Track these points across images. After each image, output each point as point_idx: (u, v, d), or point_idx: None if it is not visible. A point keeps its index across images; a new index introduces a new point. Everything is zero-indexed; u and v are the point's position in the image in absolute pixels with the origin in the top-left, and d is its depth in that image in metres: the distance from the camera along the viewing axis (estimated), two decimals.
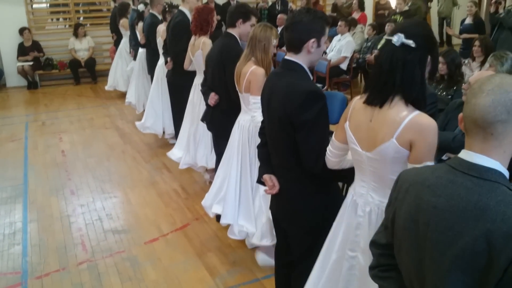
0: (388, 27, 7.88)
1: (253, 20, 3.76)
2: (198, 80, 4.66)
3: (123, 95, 8.41)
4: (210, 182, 4.71)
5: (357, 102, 2.02)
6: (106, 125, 7.17)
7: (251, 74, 3.19)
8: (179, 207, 4.55)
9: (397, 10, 8.93)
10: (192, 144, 4.68)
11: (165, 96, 5.91)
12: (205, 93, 3.95)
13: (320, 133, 2.24)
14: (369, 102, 1.92)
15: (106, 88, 8.57)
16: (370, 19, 11.21)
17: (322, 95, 2.24)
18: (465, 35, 8.16)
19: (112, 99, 8.67)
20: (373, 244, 1.62)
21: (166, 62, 5.47)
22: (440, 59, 4.51)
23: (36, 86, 9.66)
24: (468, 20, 8.37)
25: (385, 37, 1.90)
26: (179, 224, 4.22)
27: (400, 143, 1.80)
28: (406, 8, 8.85)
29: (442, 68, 4.53)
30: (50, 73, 9.78)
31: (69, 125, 7.23)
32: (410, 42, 1.78)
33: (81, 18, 10.74)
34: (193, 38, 4.61)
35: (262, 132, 2.68)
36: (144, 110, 6.39)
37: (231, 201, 3.46)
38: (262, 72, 3.17)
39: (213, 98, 3.84)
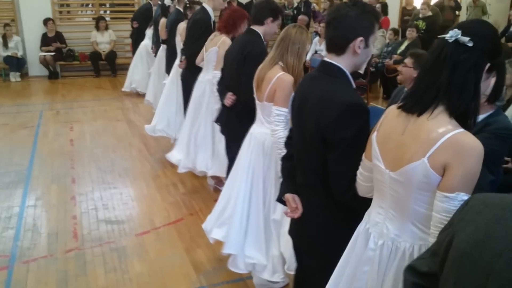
0: (409, 32, 7.72)
1: (280, 20, 3.50)
2: (203, 76, 4.50)
3: None
4: (215, 188, 4.67)
5: (391, 109, 1.68)
6: (118, 117, 7.21)
7: (278, 80, 2.80)
8: (176, 201, 4.50)
9: (420, 15, 8.72)
10: (193, 147, 4.51)
11: (179, 98, 5.52)
12: (222, 92, 3.70)
13: (358, 156, 1.84)
14: (405, 108, 1.59)
15: (123, 89, 8.49)
16: (395, 23, 11.01)
17: (365, 109, 1.89)
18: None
19: (128, 93, 8.68)
20: (410, 270, 1.36)
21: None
22: None
23: (57, 76, 9.81)
24: None
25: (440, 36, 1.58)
26: (172, 218, 4.18)
27: (432, 165, 1.46)
28: (430, 13, 8.64)
29: None
30: (71, 64, 9.93)
31: (82, 115, 7.30)
32: (466, 40, 1.45)
33: (107, 12, 10.91)
34: (213, 34, 4.41)
35: (289, 143, 2.33)
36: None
37: (236, 227, 3.04)
38: (291, 79, 2.79)
39: (230, 98, 3.56)
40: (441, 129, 1.46)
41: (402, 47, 7.84)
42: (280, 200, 2.32)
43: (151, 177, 5.05)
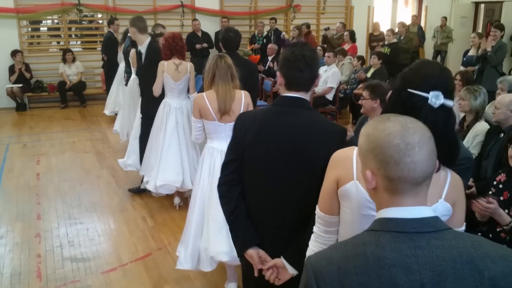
0: (372, 59, 7.90)
1: None
2: (177, 103, 4.77)
3: (111, 119, 8.36)
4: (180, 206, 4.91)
5: None
6: (86, 149, 7.10)
7: (247, 97, 3.34)
8: (144, 235, 4.43)
9: (386, 42, 8.94)
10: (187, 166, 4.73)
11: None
12: None
13: None
14: None
15: (108, 113, 8.40)
16: (362, 50, 11.25)
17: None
18: (469, 68, 7.31)
19: (98, 123, 8.63)
20: None
21: None
22: None
23: (25, 108, 9.64)
24: (472, 52, 7.76)
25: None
26: (140, 253, 4.10)
27: (450, 204, 1.54)
28: (395, 40, 8.87)
29: None
30: (40, 96, 9.78)
31: (50, 148, 7.16)
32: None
33: (78, 42, 10.84)
34: (170, 63, 4.62)
35: (231, 169, 2.16)
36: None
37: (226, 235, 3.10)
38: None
39: None
40: (441, 172, 1.53)
41: (369, 74, 7.99)
42: (242, 256, 2.13)
43: (119, 211, 4.96)
